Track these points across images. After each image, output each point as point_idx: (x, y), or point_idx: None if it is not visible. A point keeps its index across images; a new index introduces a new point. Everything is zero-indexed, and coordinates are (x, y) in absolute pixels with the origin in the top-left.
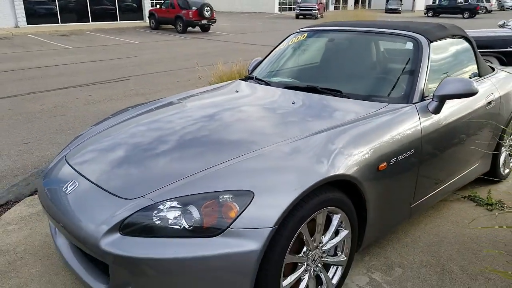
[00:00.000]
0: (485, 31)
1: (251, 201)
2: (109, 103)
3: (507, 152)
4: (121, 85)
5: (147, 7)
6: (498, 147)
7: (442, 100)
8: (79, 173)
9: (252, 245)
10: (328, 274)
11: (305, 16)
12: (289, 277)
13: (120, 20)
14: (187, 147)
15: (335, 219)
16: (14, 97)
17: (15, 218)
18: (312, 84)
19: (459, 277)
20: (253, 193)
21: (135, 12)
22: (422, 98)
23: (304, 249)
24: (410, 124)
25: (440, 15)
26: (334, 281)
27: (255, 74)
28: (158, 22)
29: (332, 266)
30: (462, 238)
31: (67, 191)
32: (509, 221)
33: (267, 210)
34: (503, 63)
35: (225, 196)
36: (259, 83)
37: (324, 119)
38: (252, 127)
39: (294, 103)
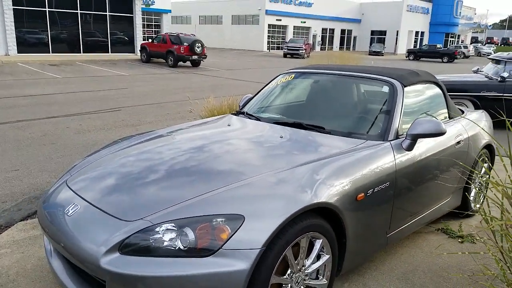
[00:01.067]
0: (461, 76)
1: (241, 224)
2: (99, 133)
3: (478, 188)
4: (111, 116)
5: (139, 40)
6: (468, 184)
7: (414, 138)
8: (80, 196)
9: (242, 265)
10: None
11: (292, 56)
12: None
13: (111, 52)
14: (181, 176)
15: (317, 244)
16: (3, 124)
17: (7, 242)
18: (298, 121)
19: None
20: (244, 217)
21: (126, 45)
22: (397, 136)
23: (289, 271)
24: (385, 159)
25: (421, 59)
26: None
27: (245, 109)
28: (149, 56)
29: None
30: (434, 267)
31: (69, 213)
32: (477, 252)
33: (256, 233)
34: (477, 107)
35: (218, 219)
36: (250, 118)
37: (308, 153)
38: (242, 159)
39: (282, 137)
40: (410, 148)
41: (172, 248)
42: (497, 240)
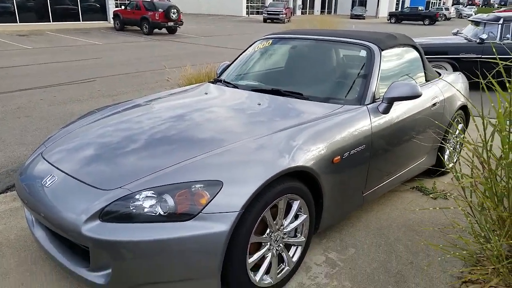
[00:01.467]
0: (440, 38)
1: (220, 189)
2: (75, 104)
3: (452, 148)
4: (86, 87)
5: (111, 7)
6: (443, 143)
7: (390, 102)
8: (57, 167)
9: (222, 227)
10: (289, 253)
11: (272, 20)
12: (254, 255)
13: (83, 20)
14: (159, 145)
15: (295, 205)
16: None
17: None
18: (276, 87)
19: (404, 254)
20: (222, 183)
21: (98, 12)
22: (373, 100)
23: (268, 231)
24: (362, 123)
25: (402, 22)
26: (295, 259)
27: (223, 77)
28: (123, 23)
29: (292, 246)
30: (408, 222)
31: (47, 184)
32: (450, 208)
33: (234, 197)
34: (456, 69)
35: (196, 186)
36: (227, 86)
37: (286, 119)
38: (221, 126)
39: (260, 104)
40: (386, 111)
41: (153, 214)
42: (467, 195)
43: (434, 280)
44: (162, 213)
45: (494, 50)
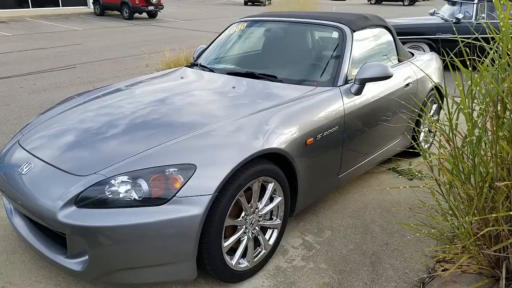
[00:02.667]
0: (417, 18)
1: (193, 173)
2: (55, 92)
3: (427, 129)
4: (66, 74)
5: None
6: (417, 124)
7: (362, 82)
8: (33, 155)
9: (196, 210)
10: (265, 236)
11: (253, 3)
12: (229, 239)
13: (62, 6)
14: (133, 130)
15: (269, 187)
16: None
17: None
18: (251, 70)
19: (379, 235)
20: (196, 166)
21: None
22: (346, 81)
23: (243, 214)
24: (334, 104)
25: (382, 3)
26: (271, 242)
27: (199, 61)
28: (103, 8)
29: (268, 229)
30: (383, 203)
31: (23, 172)
32: (425, 186)
33: (208, 180)
34: (432, 49)
35: (170, 170)
36: (203, 70)
37: (260, 102)
38: (195, 110)
39: (234, 87)
40: (358, 92)
41: (128, 199)
42: (436, 175)
43: (408, 260)
44: (137, 197)
45: (471, 29)
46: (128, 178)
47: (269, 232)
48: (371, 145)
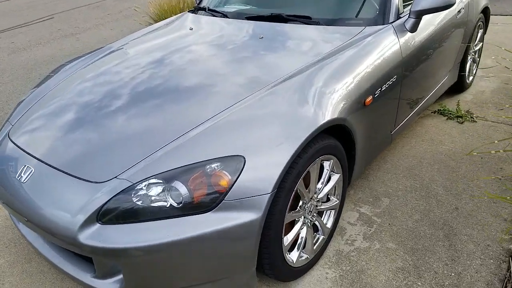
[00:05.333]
0: None
1: (243, 167)
2: (37, 49)
3: (471, 59)
4: (44, 26)
5: None
6: (465, 56)
7: (419, 16)
8: (30, 155)
9: (252, 214)
10: (322, 219)
11: None
12: (289, 234)
13: None
14: (150, 113)
15: (327, 166)
16: None
17: None
18: (276, 12)
19: (445, 198)
20: (244, 158)
21: None
22: (398, 16)
23: (300, 203)
24: (390, 47)
25: None
26: (329, 225)
27: (206, 3)
28: None
29: (325, 212)
30: (439, 156)
31: (23, 180)
32: (480, 131)
33: (262, 174)
34: None
35: (212, 165)
36: (214, 15)
37: (301, 55)
38: (222, 76)
39: (262, 37)
40: (414, 28)
41: (164, 207)
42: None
43: (487, 228)
44: (175, 204)
45: None
46: (159, 181)
47: (326, 214)
48: (424, 90)
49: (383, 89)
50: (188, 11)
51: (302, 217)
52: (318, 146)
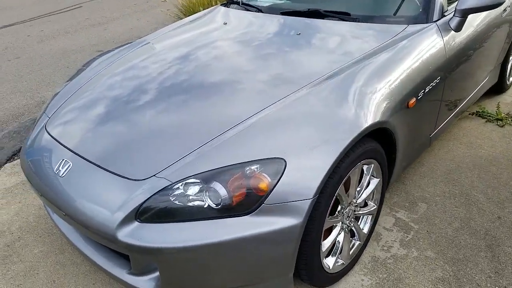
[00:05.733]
0: None
1: (284, 170)
2: (65, 38)
3: None
4: (73, 16)
5: None
6: (507, 56)
7: (465, 15)
8: (69, 149)
9: (292, 220)
10: (359, 224)
11: None
12: (326, 240)
13: None
14: (190, 107)
15: (368, 170)
16: None
17: None
18: (313, 7)
19: (486, 206)
20: (285, 160)
21: None
22: (442, 14)
23: (339, 208)
24: (434, 47)
25: None
26: (365, 230)
27: None
28: None
29: (362, 217)
30: (479, 161)
31: (61, 174)
32: None
33: (304, 178)
34: None
35: (252, 167)
36: (248, 10)
37: (342, 53)
38: (261, 73)
39: (299, 34)
40: (459, 27)
41: (202, 208)
42: None
43: None
44: (213, 205)
45: None
46: (199, 182)
47: (363, 219)
48: (464, 91)
49: (426, 90)
50: (221, 5)
51: (340, 222)
52: (360, 150)
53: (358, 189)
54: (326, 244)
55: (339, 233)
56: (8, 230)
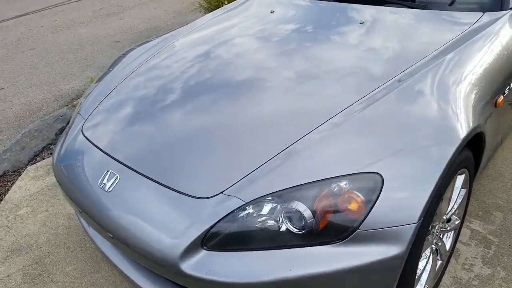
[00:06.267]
0: None
1: (381, 188)
2: (80, 28)
3: None
4: (86, 4)
5: None
6: None
7: None
8: (114, 158)
9: (393, 249)
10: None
11: None
12: (420, 263)
13: None
14: (256, 106)
15: (459, 181)
16: None
17: (23, 197)
18: None
19: None
20: (381, 176)
21: None
22: None
23: (430, 227)
24: None
25: None
26: (447, 246)
27: None
28: None
29: (445, 233)
30: None
31: (107, 188)
32: None
33: (406, 199)
34: None
35: (340, 184)
36: None
37: (416, 46)
38: (328, 69)
39: (362, 23)
40: None
41: (281, 234)
42: None
43: None
44: (295, 230)
45: None
46: (276, 202)
47: (445, 235)
48: None
49: (511, 86)
50: None
51: (432, 242)
52: (457, 161)
53: (450, 206)
54: (420, 268)
55: (429, 255)
56: (36, 243)
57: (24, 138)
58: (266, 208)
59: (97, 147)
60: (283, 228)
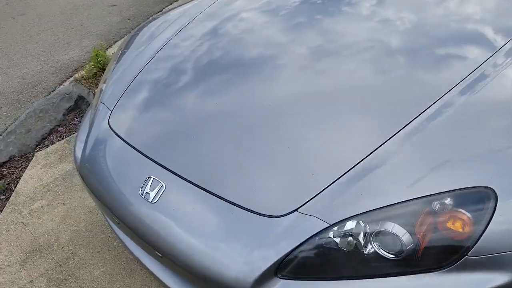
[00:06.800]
0: None
1: (495, 206)
2: None
3: None
4: None
5: None
6: None
7: None
8: (155, 162)
9: (507, 276)
10: None
11: None
12: None
13: None
14: (327, 101)
15: None
16: None
17: (36, 188)
18: None
19: None
20: (495, 192)
21: None
22: None
23: None
24: None
25: None
26: None
27: None
28: None
29: None
30: None
31: (151, 199)
32: None
33: None
34: None
35: (444, 201)
36: None
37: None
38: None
39: None
40: None
41: (372, 260)
42: None
43: None
44: (390, 256)
45: None
46: (364, 223)
47: None
48: None
49: None
50: None
51: None
52: None
53: None
54: None
55: None
56: (57, 243)
57: (28, 119)
58: (355, 231)
59: (131, 145)
60: (374, 254)
